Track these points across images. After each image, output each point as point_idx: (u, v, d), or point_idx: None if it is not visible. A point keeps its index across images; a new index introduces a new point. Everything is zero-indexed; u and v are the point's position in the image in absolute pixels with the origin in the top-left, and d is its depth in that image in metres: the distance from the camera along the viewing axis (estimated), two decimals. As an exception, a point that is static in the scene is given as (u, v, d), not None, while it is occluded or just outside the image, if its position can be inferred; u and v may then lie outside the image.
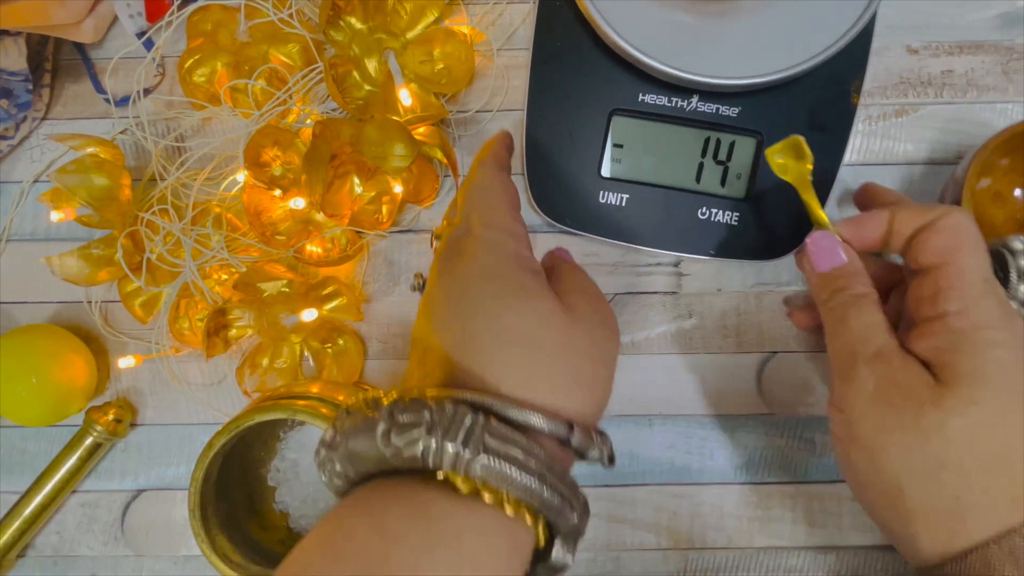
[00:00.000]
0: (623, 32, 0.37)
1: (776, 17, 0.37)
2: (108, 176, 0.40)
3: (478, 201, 0.31)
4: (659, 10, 0.36)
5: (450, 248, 0.30)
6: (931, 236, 0.31)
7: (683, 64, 0.36)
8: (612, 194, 0.40)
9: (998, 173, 0.41)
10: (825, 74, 0.37)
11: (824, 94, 0.38)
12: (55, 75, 0.46)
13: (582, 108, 0.40)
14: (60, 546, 0.44)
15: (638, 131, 0.40)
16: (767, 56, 0.36)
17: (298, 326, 0.42)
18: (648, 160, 0.40)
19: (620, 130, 0.40)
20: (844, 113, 0.39)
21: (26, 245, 0.45)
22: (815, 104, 0.39)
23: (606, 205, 0.40)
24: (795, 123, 0.39)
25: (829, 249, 0.33)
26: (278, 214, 0.43)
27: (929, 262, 0.31)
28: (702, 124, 0.39)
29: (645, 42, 0.37)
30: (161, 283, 0.43)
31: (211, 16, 0.44)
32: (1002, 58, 0.44)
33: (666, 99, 0.39)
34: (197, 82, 0.44)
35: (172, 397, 0.44)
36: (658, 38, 0.37)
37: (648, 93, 0.39)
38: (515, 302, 0.27)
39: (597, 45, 0.38)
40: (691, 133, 0.39)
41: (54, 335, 0.42)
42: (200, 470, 0.34)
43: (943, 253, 0.30)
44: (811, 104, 0.39)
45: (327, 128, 0.39)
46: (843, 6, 0.36)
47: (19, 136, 0.45)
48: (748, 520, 0.42)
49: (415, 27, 0.44)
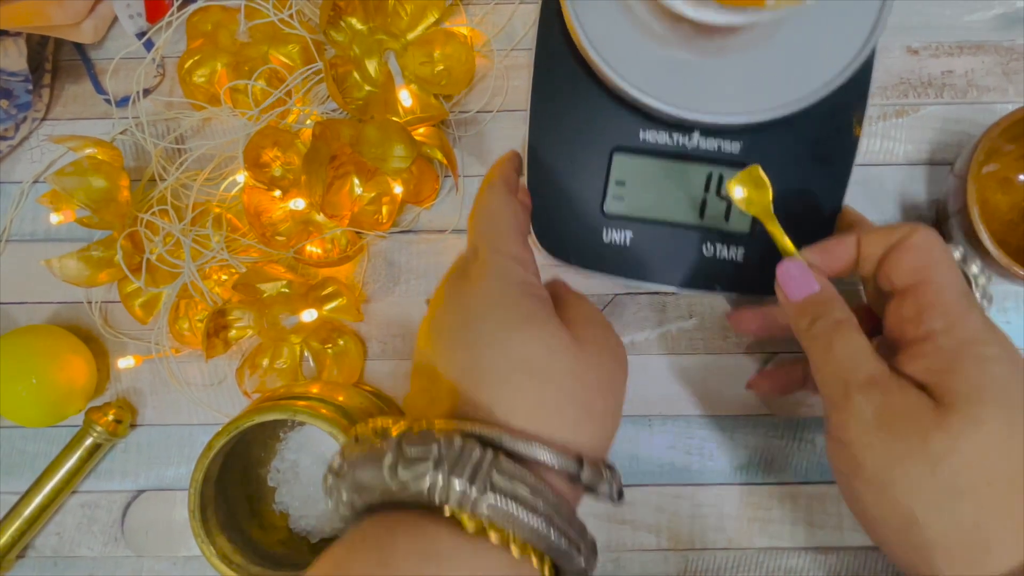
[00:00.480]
0: (622, 71, 0.36)
1: (776, 53, 0.36)
2: (106, 178, 0.40)
3: (486, 225, 0.31)
4: (658, 49, 0.36)
5: (457, 273, 0.30)
6: (902, 256, 0.31)
7: (684, 103, 0.36)
8: (616, 231, 0.39)
9: (1006, 159, 0.41)
10: (827, 106, 0.37)
11: (826, 126, 0.38)
12: (55, 75, 0.46)
13: (583, 146, 0.40)
14: (60, 547, 0.44)
15: (640, 168, 0.39)
16: (768, 93, 0.36)
17: (298, 327, 0.42)
18: (651, 196, 0.39)
19: (622, 167, 0.39)
20: (846, 145, 0.39)
21: (26, 246, 0.45)
22: (817, 137, 0.38)
23: (610, 243, 0.40)
24: (798, 157, 0.39)
25: (800, 278, 0.32)
26: (278, 215, 0.43)
27: (905, 282, 0.30)
28: (704, 160, 0.39)
29: (645, 81, 0.36)
30: (161, 284, 0.43)
31: (211, 17, 0.44)
32: (1002, 59, 0.44)
33: (667, 136, 0.39)
34: (197, 83, 0.44)
35: (172, 398, 0.44)
36: (657, 77, 0.36)
37: (649, 130, 0.39)
38: (523, 331, 0.27)
39: (596, 83, 0.38)
40: (694, 169, 0.39)
41: (54, 336, 0.42)
42: (200, 471, 0.34)
43: (918, 272, 0.30)
44: (813, 137, 0.38)
45: (327, 129, 0.39)
46: (843, 40, 0.35)
47: (19, 136, 0.45)
48: (748, 521, 0.42)
49: (415, 28, 0.44)
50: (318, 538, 0.39)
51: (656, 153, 0.39)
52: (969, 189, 0.36)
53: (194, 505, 0.34)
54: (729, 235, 0.39)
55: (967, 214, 0.37)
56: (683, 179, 0.39)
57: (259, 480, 0.40)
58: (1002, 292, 0.43)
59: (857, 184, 0.44)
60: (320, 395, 0.37)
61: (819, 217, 0.38)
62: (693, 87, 0.37)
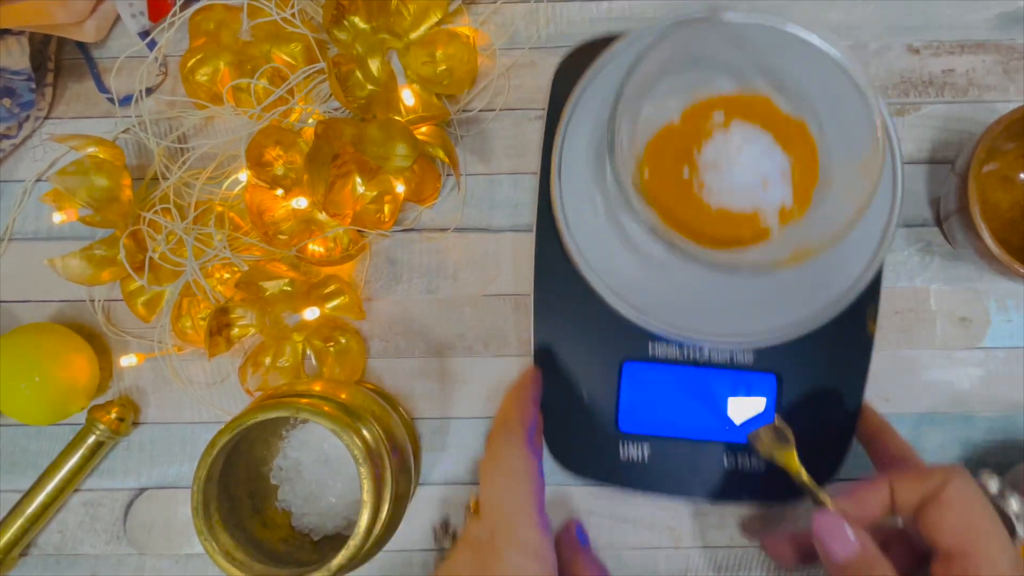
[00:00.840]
0: (625, 295, 0.36)
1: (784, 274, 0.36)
2: (108, 177, 0.40)
3: (501, 496, 0.31)
4: (661, 273, 0.35)
5: (472, 556, 0.29)
6: (943, 514, 0.30)
7: (691, 327, 0.36)
8: (633, 447, 0.39)
9: (1007, 157, 0.41)
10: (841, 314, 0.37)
11: (840, 328, 0.37)
12: (58, 74, 0.46)
13: (592, 361, 0.39)
14: (62, 545, 0.44)
15: (652, 381, 0.39)
16: (777, 314, 0.36)
17: (300, 325, 0.42)
18: (666, 410, 0.39)
19: (634, 381, 0.39)
20: (862, 343, 0.39)
21: (29, 244, 0.45)
22: (832, 339, 0.38)
23: (627, 459, 0.39)
24: (814, 362, 0.39)
25: (837, 533, 0.30)
26: (280, 213, 0.43)
27: (949, 544, 0.30)
28: (717, 369, 0.39)
29: (649, 305, 0.36)
30: (164, 282, 0.43)
31: (214, 15, 0.44)
32: (1003, 58, 0.44)
33: (677, 349, 0.39)
34: (199, 81, 0.44)
35: (174, 396, 0.44)
36: (662, 300, 0.36)
37: (659, 342, 0.39)
38: None
39: (601, 299, 0.38)
40: (707, 379, 0.39)
41: (56, 334, 0.42)
42: (203, 468, 0.34)
43: (961, 535, 0.29)
44: (828, 340, 0.38)
45: (329, 128, 0.39)
46: (852, 254, 0.35)
47: (22, 135, 0.45)
48: (750, 519, 0.42)
49: (418, 28, 0.44)
50: (320, 536, 0.39)
51: (668, 364, 0.39)
52: (970, 188, 0.37)
53: (197, 502, 0.34)
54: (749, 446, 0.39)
55: (968, 213, 0.37)
56: (698, 390, 0.39)
57: (262, 478, 0.40)
58: (1002, 291, 0.43)
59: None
60: (322, 393, 0.37)
61: (840, 418, 0.38)
62: (700, 309, 0.36)
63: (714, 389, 0.39)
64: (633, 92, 0.34)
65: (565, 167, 0.38)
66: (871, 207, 0.32)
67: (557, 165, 0.38)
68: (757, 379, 0.39)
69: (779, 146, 0.37)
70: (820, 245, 0.32)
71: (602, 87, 0.38)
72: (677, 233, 0.34)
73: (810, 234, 0.34)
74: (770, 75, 0.37)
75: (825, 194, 0.36)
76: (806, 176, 0.37)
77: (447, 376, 0.44)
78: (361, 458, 0.34)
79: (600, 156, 0.38)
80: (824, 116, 0.36)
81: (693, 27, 0.34)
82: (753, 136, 0.37)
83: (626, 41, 0.38)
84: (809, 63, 0.35)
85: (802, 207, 0.37)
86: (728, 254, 0.35)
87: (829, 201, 0.35)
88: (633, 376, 0.39)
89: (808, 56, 0.34)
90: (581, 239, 0.37)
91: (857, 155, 0.33)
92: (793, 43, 0.34)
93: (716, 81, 0.38)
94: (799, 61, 0.35)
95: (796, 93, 0.37)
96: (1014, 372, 0.42)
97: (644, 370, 0.39)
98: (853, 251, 0.36)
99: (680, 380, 0.39)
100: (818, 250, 0.32)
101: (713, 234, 0.36)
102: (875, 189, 0.32)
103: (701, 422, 0.39)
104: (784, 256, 0.33)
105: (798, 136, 0.34)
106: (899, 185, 0.37)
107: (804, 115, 0.37)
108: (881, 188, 0.35)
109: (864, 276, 0.36)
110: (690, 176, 0.37)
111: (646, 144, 0.38)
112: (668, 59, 0.34)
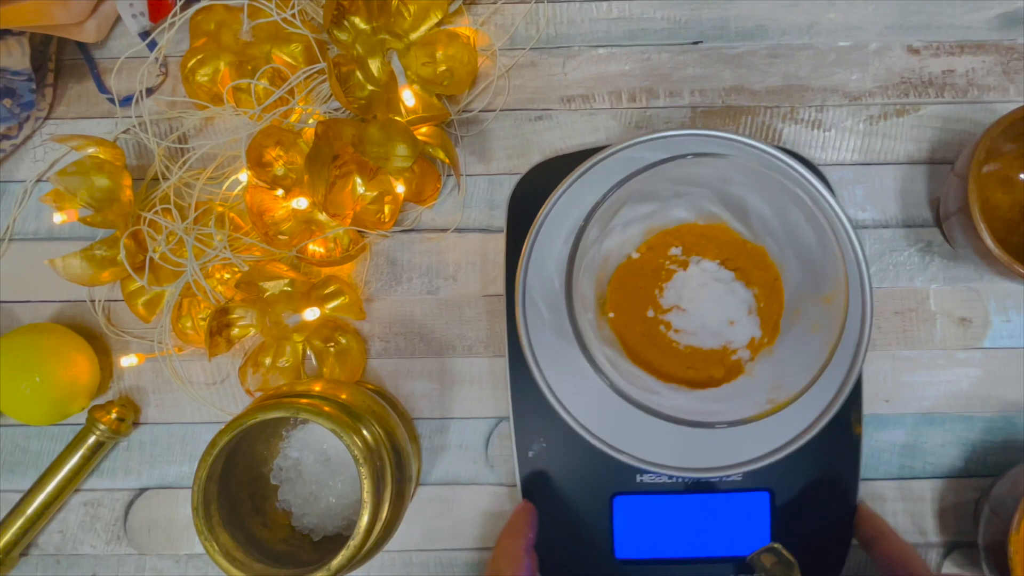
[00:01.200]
0: (605, 436, 0.36)
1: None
2: (109, 177, 0.40)
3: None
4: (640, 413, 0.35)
5: None
6: None
7: (679, 461, 0.36)
8: (631, 574, 0.40)
9: (1007, 158, 0.41)
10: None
11: (827, 436, 0.37)
12: (58, 75, 0.46)
13: (583, 495, 0.40)
14: (63, 545, 0.44)
15: (644, 509, 0.40)
16: (764, 437, 0.36)
17: (300, 325, 0.42)
18: (661, 535, 0.40)
19: (625, 511, 0.40)
20: (850, 446, 0.39)
21: (29, 244, 0.46)
22: (820, 448, 0.39)
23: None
24: (803, 473, 0.39)
25: None
26: (280, 214, 0.43)
27: None
28: (709, 494, 0.40)
29: (631, 443, 0.36)
30: (164, 282, 0.43)
31: (214, 16, 0.44)
32: (1003, 58, 0.44)
33: (666, 476, 0.39)
34: (200, 82, 0.44)
35: (175, 396, 0.44)
36: (644, 436, 0.36)
37: (647, 473, 0.39)
38: None
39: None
40: (699, 501, 0.40)
41: (57, 334, 0.42)
42: (204, 468, 0.34)
43: None
44: (816, 450, 0.38)
45: (329, 128, 0.39)
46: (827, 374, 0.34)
47: (22, 135, 0.45)
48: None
49: (418, 28, 0.44)
50: (320, 536, 0.39)
51: (658, 495, 0.40)
52: (970, 188, 0.37)
53: (197, 502, 0.34)
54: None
55: (968, 213, 0.37)
56: (691, 514, 0.40)
57: (262, 478, 0.40)
58: (1002, 291, 0.43)
59: (858, 183, 0.44)
60: (323, 393, 0.37)
61: (836, 523, 0.39)
62: (683, 443, 0.36)
63: (707, 512, 0.40)
64: (591, 239, 0.34)
65: (530, 304, 0.37)
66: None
67: (521, 300, 0.37)
68: (749, 499, 0.40)
69: (741, 282, 0.37)
70: (793, 396, 0.32)
71: (564, 214, 0.38)
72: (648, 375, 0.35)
73: (785, 366, 0.34)
74: (727, 201, 0.37)
75: (794, 319, 0.36)
76: (772, 305, 0.37)
77: (447, 376, 0.44)
78: (361, 458, 0.34)
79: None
80: (784, 242, 0.36)
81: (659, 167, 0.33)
82: (714, 275, 0.37)
83: (584, 168, 0.38)
84: (768, 191, 0.35)
85: (772, 337, 0.37)
86: (703, 401, 0.35)
87: (800, 325, 0.35)
88: (625, 507, 0.40)
89: (767, 184, 0.34)
90: (552, 375, 0.37)
91: (825, 287, 0.33)
92: (753, 171, 0.34)
93: (674, 210, 0.38)
94: (757, 187, 0.35)
95: (757, 220, 0.37)
96: (1014, 372, 0.42)
97: (635, 499, 0.40)
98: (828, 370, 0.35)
99: (671, 506, 0.40)
100: (791, 400, 0.32)
101: (684, 375, 0.37)
102: (843, 324, 0.32)
103: (697, 543, 0.40)
104: (761, 403, 0.32)
105: (760, 264, 0.33)
106: (868, 303, 0.36)
107: (764, 241, 0.37)
108: (851, 303, 0.35)
109: (843, 390, 0.36)
110: (655, 315, 0.37)
111: (609, 280, 0.38)
112: (626, 193, 0.34)
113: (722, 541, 0.40)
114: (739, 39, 0.45)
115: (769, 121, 0.44)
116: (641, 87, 0.45)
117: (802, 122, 0.44)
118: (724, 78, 0.45)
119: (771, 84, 0.44)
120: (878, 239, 0.43)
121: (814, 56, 0.44)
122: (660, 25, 0.45)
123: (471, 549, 0.43)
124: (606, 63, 0.45)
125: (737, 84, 0.44)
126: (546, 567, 0.40)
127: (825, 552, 0.39)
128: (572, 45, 0.45)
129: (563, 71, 0.45)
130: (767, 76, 0.44)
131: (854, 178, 0.44)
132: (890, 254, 0.43)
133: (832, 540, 0.39)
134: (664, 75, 0.45)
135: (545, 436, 0.40)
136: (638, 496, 0.40)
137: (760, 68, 0.44)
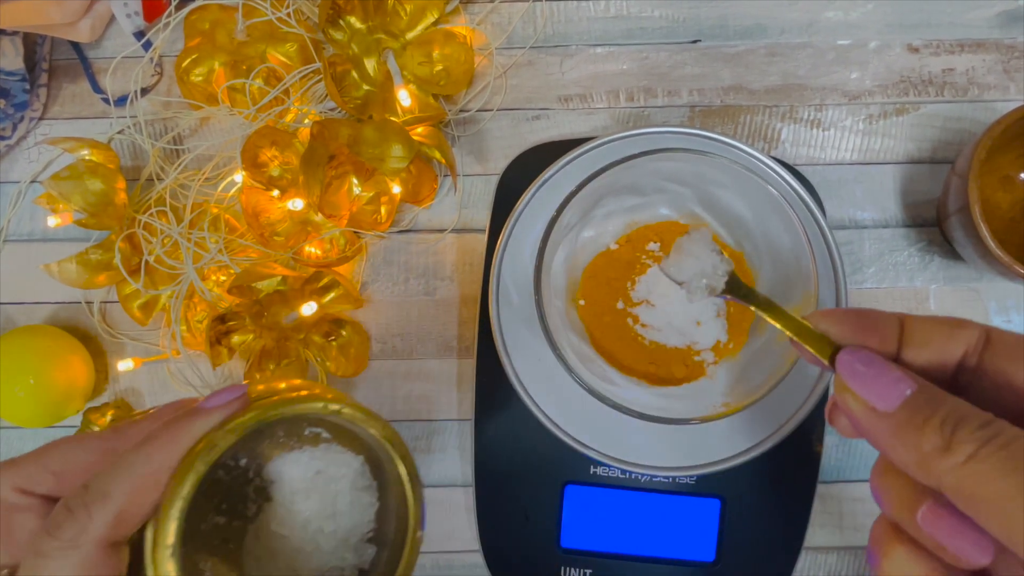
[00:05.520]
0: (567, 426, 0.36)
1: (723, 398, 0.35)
2: (102, 180, 0.40)
3: None
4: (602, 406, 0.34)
5: None
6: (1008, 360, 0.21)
7: (635, 457, 0.36)
8: (574, 569, 0.40)
9: (1007, 157, 0.40)
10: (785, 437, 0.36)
11: (786, 450, 0.36)
12: (52, 75, 0.46)
13: (534, 482, 0.40)
14: (59, 548, 0.44)
15: (594, 501, 0.40)
16: (724, 441, 0.36)
17: (299, 323, 0.42)
18: (608, 530, 0.40)
19: (576, 501, 0.40)
20: (809, 462, 0.39)
21: (24, 246, 0.45)
22: (778, 461, 0.38)
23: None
24: (758, 484, 0.39)
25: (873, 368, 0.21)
26: (276, 215, 0.43)
27: None
28: (660, 494, 0.40)
29: (591, 436, 0.36)
30: (160, 285, 0.43)
31: (209, 15, 0.44)
32: (1003, 57, 0.44)
33: (619, 471, 0.39)
34: (195, 82, 0.43)
35: (170, 398, 0.44)
36: (605, 429, 0.36)
37: (601, 465, 0.39)
38: None
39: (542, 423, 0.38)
40: (649, 500, 0.40)
41: (52, 336, 0.42)
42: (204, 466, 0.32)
43: None
44: (774, 461, 0.38)
45: (325, 128, 0.39)
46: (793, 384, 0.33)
47: (16, 136, 0.45)
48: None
49: (415, 28, 0.43)
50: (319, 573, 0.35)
51: (610, 488, 0.40)
52: (970, 187, 0.36)
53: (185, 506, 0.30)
54: (694, 565, 0.39)
55: (968, 212, 0.36)
56: (640, 511, 0.40)
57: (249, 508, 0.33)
58: (1002, 291, 0.43)
59: (858, 182, 0.44)
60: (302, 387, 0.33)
61: (785, 535, 0.39)
62: (642, 440, 0.36)
63: (657, 512, 0.40)
64: (566, 225, 0.34)
65: (503, 291, 0.38)
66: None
67: (495, 288, 0.37)
68: (700, 504, 0.40)
69: None
70: (744, 403, 0.32)
71: (541, 206, 0.38)
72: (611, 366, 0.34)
73: (746, 373, 0.34)
74: (710, 203, 0.37)
75: (763, 328, 0.36)
76: (742, 312, 0.37)
77: (445, 377, 0.44)
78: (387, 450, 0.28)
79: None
80: (763, 249, 0.36)
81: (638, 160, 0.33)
82: None
83: (567, 159, 0.38)
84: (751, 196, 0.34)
85: (738, 343, 0.37)
86: (663, 397, 0.35)
87: (767, 334, 0.35)
88: (576, 497, 0.40)
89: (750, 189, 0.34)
90: (520, 364, 0.37)
91: (796, 299, 0.33)
92: (736, 173, 0.34)
93: (657, 206, 0.38)
94: (741, 192, 0.35)
95: (737, 224, 0.37)
96: (1014, 373, 0.42)
97: (586, 490, 0.40)
98: (795, 379, 0.34)
99: (621, 501, 0.40)
100: (741, 407, 0.32)
101: (645, 370, 0.37)
102: None
103: (642, 542, 0.40)
104: (716, 406, 0.32)
105: (736, 269, 0.33)
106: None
107: (743, 247, 0.37)
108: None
109: (808, 402, 0.36)
110: (625, 308, 0.37)
111: (583, 270, 0.38)
112: (608, 184, 0.34)
113: (667, 543, 0.40)
114: (738, 38, 0.44)
115: (768, 120, 0.44)
116: (639, 86, 0.44)
117: (801, 121, 0.44)
118: (723, 77, 0.44)
119: (770, 83, 0.44)
120: (878, 239, 0.43)
121: (813, 55, 0.44)
122: (658, 24, 0.45)
123: (470, 551, 0.43)
124: (604, 62, 0.45)
125: (736, 83, 0.44)
126: (491, 550, 0.40)
127: (771, 562, 0.39)
128: (570, 44, 0.45)
129: (560, 70, 0.45)
130: (766, 75, 0.44)
131: (854, 177, 0.43)
132: (890, 254, 0.43)
133: (781, 551, 0.39)
134: (662, 74, 0.44)
135: (505, 420, 0.40)
136: (590, 487, 0.40)
137: (759, 67, 0.44)
